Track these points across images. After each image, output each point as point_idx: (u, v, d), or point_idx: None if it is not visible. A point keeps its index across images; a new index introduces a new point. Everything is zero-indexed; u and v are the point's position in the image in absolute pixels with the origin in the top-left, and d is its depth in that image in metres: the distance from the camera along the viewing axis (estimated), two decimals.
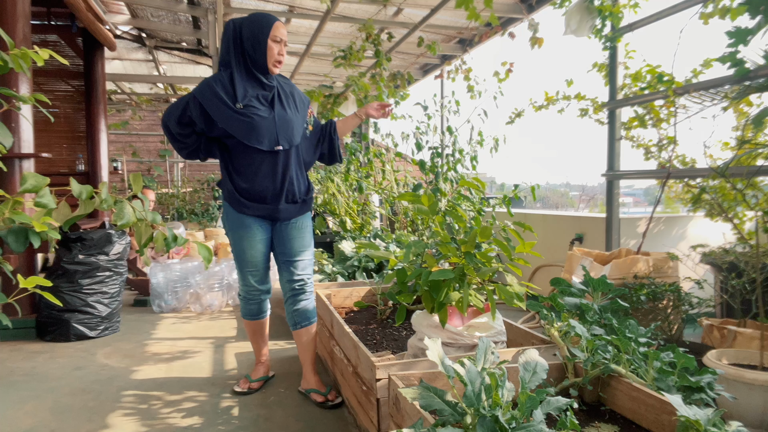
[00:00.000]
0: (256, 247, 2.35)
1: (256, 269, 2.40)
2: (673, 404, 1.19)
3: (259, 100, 2.21)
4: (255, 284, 2.43)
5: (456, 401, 1.23)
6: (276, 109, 2.24)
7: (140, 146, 9.69)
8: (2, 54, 1.29)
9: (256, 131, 2.17)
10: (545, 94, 4.05)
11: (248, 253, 2.35)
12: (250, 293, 2.46)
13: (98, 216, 4.54)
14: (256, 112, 2.18)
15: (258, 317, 2.54)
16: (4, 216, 1.18)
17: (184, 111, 2.22)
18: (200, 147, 2.31)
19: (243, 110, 2.16)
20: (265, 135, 2.19)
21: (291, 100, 2.33)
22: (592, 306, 1.90)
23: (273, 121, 2.21)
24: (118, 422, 2.18)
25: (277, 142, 2.22)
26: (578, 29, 3.25)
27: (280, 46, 2.22)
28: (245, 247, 2.34)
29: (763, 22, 1.92)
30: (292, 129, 2.27)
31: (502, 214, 4.85)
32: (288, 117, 2.27)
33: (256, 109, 2.19)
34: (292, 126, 2.28)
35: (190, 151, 2.32)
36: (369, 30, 4.38)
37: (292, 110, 2.30)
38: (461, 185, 2.35)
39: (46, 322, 3.34)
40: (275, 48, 2.20)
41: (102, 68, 4.99)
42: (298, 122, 2.32)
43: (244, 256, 2.36)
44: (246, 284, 2.44)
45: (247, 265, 2.38)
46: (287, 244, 2.37)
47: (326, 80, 7.14)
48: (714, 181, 2.89)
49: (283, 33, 2.23)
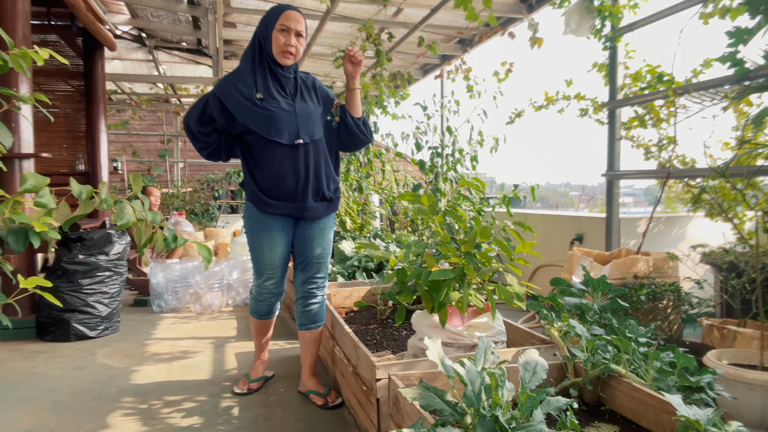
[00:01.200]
0: (275, 250, 2.27)
1: (273, 272, 2.33)
2: (673, 404, 1.19)
3: (279, 93, 2.16)
4: (270, 287, 2.37)
5: (456, 401, 1.23)
6: (296, 102, 2.17)
7: (140, 146, 9.70)
8: (2, 54, 1.29)
9: (275, 124, 2.11)
10: (545, 94, 4.05)
11: (267, 255, 2.28)
12: (262, 295, 2.40)
13: (98, 216, 4.54)
14: (276, 104, 2.12)
15: (266, 317, 2.50)
16: (4, 216, 1.18)
17: (204, 109, 2.18)
18: (221, 146, 2.26)
19: (262, 103, 2.10)
20: (284, 128, 2.12)
21: (312, 93, 2.26)
22: (592, 306, 1.90)
23: (293, 113, 2.14)
24: (118, 422, 2.18)
25: (298, 135, 2.15)
26: (578, 29, 3.25)
27: (288, 35, 2.11)
28: (264, 250, 2.27)
29: (763, 22, 1.92)
30: (313, 122, 2.20)
31: (502, 214, 4.85)
32: (309, 110, 2.19)
33: (276, 101, 2.12)
34: (313, 119, 2.20)
35: (211, 150, 2.26)
36: (369, 30, 4.37)
37: (313, 104, 2.23)
38: (461, 185, 2.35)
39: (46, 322, 3.34)
40: (282, 38, 2.11)
41: (102, 68, 4.98)
42: (318, 115, 2.24)
43: (262, 257, 2.30)
44: (260, 286, 2.38)
45: (266, 268, 2.32)
46: (307, 245, 2.31)
47: (326, 80, 7.13)
48: (714, 181, 2.89)
49: (294, 21, 2.12)
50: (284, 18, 2.12)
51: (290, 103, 2.17)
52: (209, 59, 6.71)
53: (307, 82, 2.28)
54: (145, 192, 5.33)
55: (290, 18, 2.13)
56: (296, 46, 2.15)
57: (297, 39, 2.15)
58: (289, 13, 2.13)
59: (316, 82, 2.33)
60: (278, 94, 2.15)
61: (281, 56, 2.14)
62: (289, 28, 2.12)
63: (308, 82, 2.29)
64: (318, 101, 2.27)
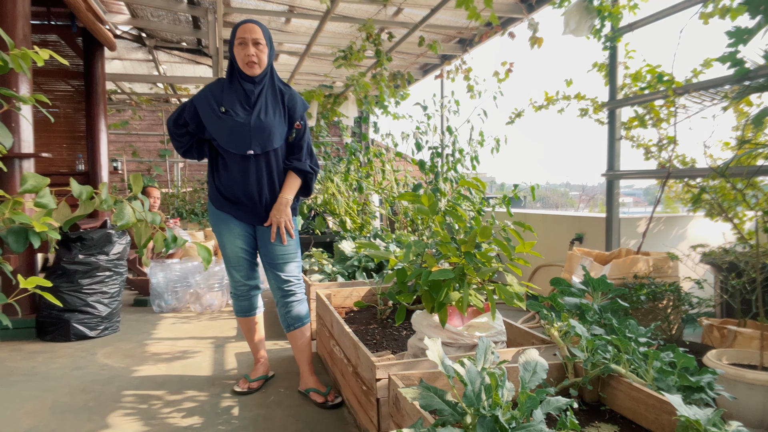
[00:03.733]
0: (235, 242, 2.39)
1: (239, 264, 2.43)
2: (673, 404, 1.19)
3: (241, 105, 2.27)
4: (241, 279, 2.47)
5: (456, 401, 1.23)
6: (254, 114, 2.27)
7: (140, 146, 9.69)
8: (2, 54, 1.29)
9: (230, 135, 2.25)
10: (545, 94, 4.05)
11: (229, 248, 2.41)
12: (238, 289, 2.50)
13: (98, 216, 4.54)
14: (233, 116, 2.24)
15: (249, 314, 2.55)
16: (4, 216, 1.18)
17: (181, 113, 2.34)
18: (193, 146, 2.41)
19: (223, 114, 2.24)
20: (237, 139, 2.25)
21: (278, 105, 2.32)
22: (592, 306, 1.90)
23: (248, 125, 2.25)
24: (118, 422, 2.18)
25: (249, 146, 2.26)
26: (577, 29, 3.25)
27: (246, 47, 2.22)
28: (226, 243, 2.40)
29: (763, 22, 1.92)
30: (268, 134, 2.28)
31: (502, 214, 4.85)
32: (265, 123, 2.26)
33: (234, 114, 2.25)
34: (269, 131, 2.27)
35: (185, 149, 2.41)
36: (369, 30, 4.37)
37: (277, 117, 2.30)
38: (461, 185, 2.35)
39: (46, 322, 3.34)
40: (242, 50, 2.23)
41: (102, 68, 4.98)
42: (278, 128, 2.30)
43: (225, 251, 2.42)
44: (233, 280, 2.49)
45: (230, 260, 2.43)
46: (269, 247, 2.38)
47: (326, 80, 7.14)
48: (714, 181, 2.89)
49: (248, 32, 2.23)
50: (240, 31, 2.24)
51: (247, 115, 2.27)
52: (209, 59, 6.71)
53: (278, 95, 2.34)
54: (145, 192, 5.26)
55: (245, 30, 2.24)
56: (257, 54, 2.25)
57: (256, 47, 2.23)
58: (244, 26, 2.24)
59: (288, 96, 2.36)
60: (240, 106, 2.27)
61: (246, 67, 2.25)
62: (245, 39, 2.23)
63: (280, 96, 2.35)
64: (282, 114, 2.34)
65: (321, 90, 6.52)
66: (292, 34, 5.39)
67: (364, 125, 8.51)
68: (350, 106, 6.82)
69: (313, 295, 3.04)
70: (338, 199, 4.89)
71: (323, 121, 7.40)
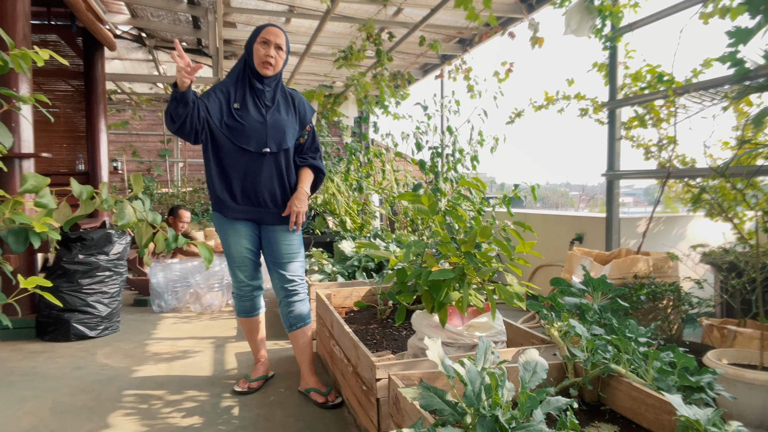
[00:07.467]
0: (240, 242, 2.38)
1: (243, 265, 2.43)
2: (673, 404, 1.19)
3: (255, 104, 2.28)
4: (244, 279, 2.46)
5: (456, 401, 1.23)
6: (270, 113, 2.29)
7: (140, 146, 9.68)
8: (2, 54, 1.29)
9: (245, 132, 2.25)
10: (545, 94, 4.05)
11: (233, 248, 2.40)
12: (241, 289, 2.49)
13: (98, 216, 4.54)
14: (249, 114, 2.26)
15: (251, 314, 2.55)
16: (5, 216, 1.18)
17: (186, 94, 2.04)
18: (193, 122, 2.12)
19: (237, 112, 2.24)
20: (253, 136, 2.25)
21: (290, 107, 2.38)
22: (592, 306, 1.90)
23: (264, 123, 2.27)
24: (118, 422, 2.18)
25: (266, 144, 2.27)
26: (578, 29, 3.25)
27: (268, 48, 2.25)
28: (231, 243, 2.39)
29: (763, 22, 1.92)
30: (283, 133, 2.31)
31: (502, 214, 4.85)
32: (281, 121, 2.31)
33: (250, 111, 2.26)
34: (283, 130, 2.31)
35: (180, 125, 2.10)
36: (369, 30, 4.37)
37: (289, 117, 2.35)
38: (461, 185, 2.36)
39: (46, 322, 3.34)
40: (262, 50, 2.24)
41: (102, 68, 4.98)
42: (291, 127, 2.35)
43: (230, 251, 2.41)
44: (236, 280, 2.48)
45: (234, 260, 2.42)
46: (274, 247, 2.39)
47: (326, 80, 7.14)
48: (714, 180, 2.89)
49: (273, 35, 2.26)
50: (265, 32, 2.27)
51: (263, 113, 2.29)
52: (209, 59, 6.71)
53: (288, 97, 2.40)
54: (178, 214, 4.77)
55: (270, 32, 2.27)
56: (275, 57, 2.28)
57: (277, 51, 2.29)
58: (270, 28, 2.28)
59: (298, 100, 2.43)
60: (253, 105, 2.29)
61: (261, 66, 2.26)
62: (269, 40, 2.26)
63: (290, 98, 2.40)
64: (295, 114, 2.39)
65: (321, 90, 6.52)
66: (293, 34, 5.39)
67: (364, 125, 8.51)
68: (350, 106, 6.83)
69: (314, 295, 3.04)
70: (338, 199, 4.90)
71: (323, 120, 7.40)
